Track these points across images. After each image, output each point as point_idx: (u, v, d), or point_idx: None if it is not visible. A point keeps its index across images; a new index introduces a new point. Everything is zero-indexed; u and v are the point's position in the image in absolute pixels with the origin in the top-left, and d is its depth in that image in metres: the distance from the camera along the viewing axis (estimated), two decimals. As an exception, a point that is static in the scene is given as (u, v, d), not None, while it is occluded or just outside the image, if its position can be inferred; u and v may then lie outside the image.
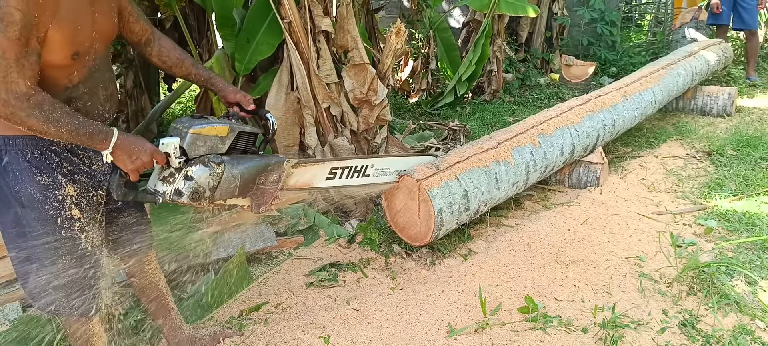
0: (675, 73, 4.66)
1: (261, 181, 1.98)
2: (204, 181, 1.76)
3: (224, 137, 1.84)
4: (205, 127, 1.79)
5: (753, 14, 6.09)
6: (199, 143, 1.77)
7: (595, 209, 3.22)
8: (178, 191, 1.73)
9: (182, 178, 1.74)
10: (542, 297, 2.42)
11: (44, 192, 1.56)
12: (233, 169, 1.84)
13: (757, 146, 4.09)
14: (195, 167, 1.75)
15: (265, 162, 1.98)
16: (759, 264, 2.57)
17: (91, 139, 1.55)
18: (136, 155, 1.63)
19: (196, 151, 1.77)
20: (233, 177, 1.84)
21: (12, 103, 1.41)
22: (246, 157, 1.92)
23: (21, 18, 1.38)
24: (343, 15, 3.47)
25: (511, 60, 7.02)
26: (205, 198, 1.79)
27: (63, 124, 1.49)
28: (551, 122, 3.39)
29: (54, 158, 1.59)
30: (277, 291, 2.61)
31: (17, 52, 1.40)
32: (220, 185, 1.81)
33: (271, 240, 2.91)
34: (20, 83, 1.42)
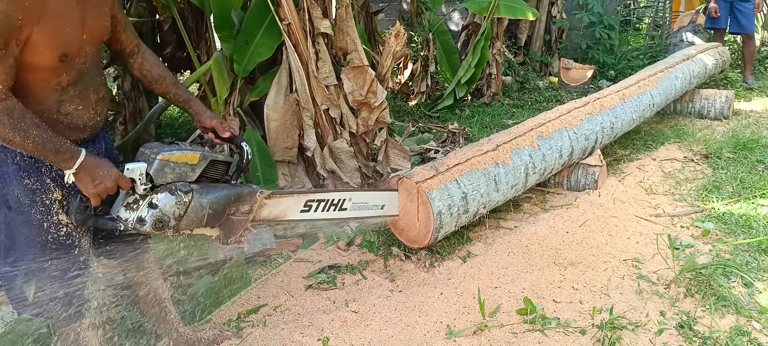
0: (673, 76, 4.68)
1: (232, 211, 1.91)
2: (169, 209, 1.68)
3: (195, 165, 1.77)
4: (175, 153, 1.73)
5: (750, 18, 6.12)
6: (167, 170, 1.71)
7: (594, 211, 3.22)
8: (140, 218, 1.66)
9: (146, 205, 1.67)
10: (541, 299, 2.43)
11: (31, 196, 1.55)
12: (202, 198, 1.77)
13: (754, 149, 4.11)
14: (161, 195, 1.68)
15: (237, 192, 1.91)
16: (756, 266, 2.58)
17: (57, 156, 1.50)
18: (100, 179, 1.57)
19: (164, 179, 1.70)
20: (201, 207, 1.77)
21: None
22: (217, 187, 1.86)
23: (2, 19, 1.34)
24: (343, 17, 3.48)
25: (510, 63, 7.04)
26: (170, 227, 1.71)
27: (30, 135, 1.44)
28: (550, 125, 3.40)
29: (42, 162, 1.56)
30: (275, 293, 2.61)
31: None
32: (186, 215, 1.73)
33: (269, 242, 2.91)
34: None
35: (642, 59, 7.53)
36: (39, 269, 1.59)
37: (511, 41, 7.39)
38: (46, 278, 1.61)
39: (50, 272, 1.60)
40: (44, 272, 1.60)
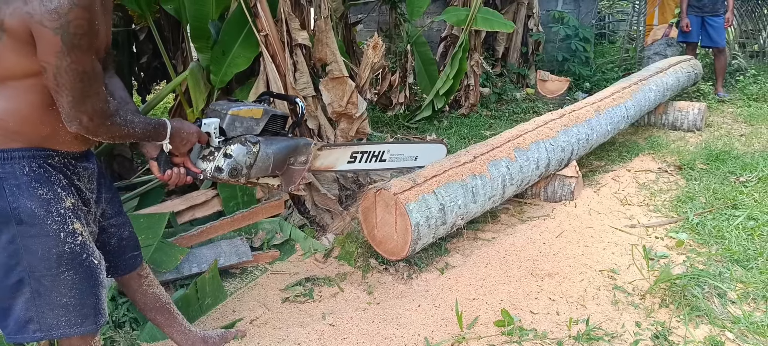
0: (647, 88, 4.76)
1: (291, 161, 2.12)
2: (242, 159, 1.89)
3: (259, 119, 1.96)
4: (242, 109, 1.93)
5: (720, 32, 6.27)
6: (236, 124, 1.90)
7: (570, 222, 3.25)
8: (218, 167, 1.85)
9: (222, 156, 1.86)
10: (518, 310, 2.43)
11: (46, 206, 1.47)
12: (268, 148, 1.97)
13: (726, 160, 4.19)
14: (234, 146, 1.87)
15: (295, 143, 2.11)
16: (729, 276, 2.62)
17: (156, 133, 1.61)
18: (186, 139, 1.72)
19: (234, 132, 1.90)
20: (267, 156, 1.97)
21: (99, 118, 1.42)
22: (278, 139, 2.05)
23: (89, 28, 1.34)
24: (322, 28, 3.47)
25: (488, 74, 7.10)
26: (243, 175, 1.91)
27: (136, 124, 1.53)
28: (527, 136, 3.43)
29: (52, 172, 1.50)
30: (251, 307, 2.57)
31: (93, 63, 1.39)
32: (255, 163, 1.93)
33: (245, 255, 2.87)
34: (102, 95, 1.42)
35: (617, 72, 7.67)
36: (54, 280, 1.50)
37: (488, 53, 7.46)
38: (64, 290, 1.52)
39: (68, 282, 1.53)
40: (61, 283, 1.51)
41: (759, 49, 7.76)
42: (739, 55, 7.58)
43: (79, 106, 1.38)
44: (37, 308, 1.50)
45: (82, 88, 1.37)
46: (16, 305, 1.50)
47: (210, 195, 3.21)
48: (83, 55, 1.35)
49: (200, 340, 2.13)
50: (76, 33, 1.31)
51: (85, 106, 1.39)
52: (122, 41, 5.26)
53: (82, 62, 1.35)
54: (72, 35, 1.31)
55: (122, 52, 5.26)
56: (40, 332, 1.52)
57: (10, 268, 1.47)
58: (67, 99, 1.37)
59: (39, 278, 1.49)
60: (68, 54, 1.32)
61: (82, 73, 1.36)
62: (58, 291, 1.52)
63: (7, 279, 1.48)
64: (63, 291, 1.52)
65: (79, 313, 1.56)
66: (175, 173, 1.77)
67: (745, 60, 7.48)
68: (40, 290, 1.50)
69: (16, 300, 1.50)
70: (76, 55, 1.33)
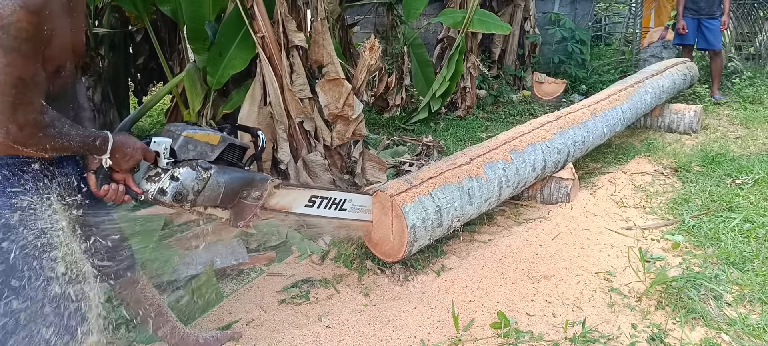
0: (643, 91, 4.77)
1: (244, 195, 2.01)
2: (189, 183, 1.79)
3: (215, 146, 1.87)
4: (199, 132, 1.84)
5: (716, 35, 6.29)
6: (189, 147, 1.81)
7: (566, 224, 3.25)
8: (162, 189, 1.76)
9: (168, 178, 1.77)
10: (514, 312, 2.43)
11: (20, 215, 1.43)
12: (219, 177, 1.88)
13: (722, 163, 4.21)
14: (182, 169, 1.78)
15: (251, 177, 2.02)
16: (724, 278, 2.62)
17: (95, 146, 1.53)
18: (130, 155, 1.63)
19: (186, 155, 1.81)
20: (218, 185, 1.88)
21: (30, 128, 1.34)
22: (233, 169, 1.96)
23: (34, 33, 1.28)
24: (318, 30, 3.47)
25: (484, 77, 7.11)
26: (188, 201, 1.81)
27: (72, 137, 1.44)
28: (523, 139, 3.43)
29: (27, 179, 1.46)
30: (248, 308, 2.56)
31: (33, 71, 1.32)
32: (204, 191, 1.84)
33: (242, 256, 2.86)
34: (37, 105, 1.34)
35: (613, 74, 7.69)
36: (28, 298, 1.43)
37: (485, 55, 7.48)
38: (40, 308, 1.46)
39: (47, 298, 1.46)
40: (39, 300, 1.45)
41: (755, 51, 7.79)
42: (735, 58, 7.61)
43: (8, 114, 1.29)
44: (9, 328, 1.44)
45: (15, 95, 1.28)
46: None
47: (206, 197, 3.20)
48: (23, 60, 1.28)
49: (195, 342, 2.13)
50: (18, 36, 1.25)
51: (16, 115, 1.30)
52: (119, 43, 5.25)
53: (20, 68, 1.28)
54: (12, 38, 1.25)
55: (118, 54, 5.25)
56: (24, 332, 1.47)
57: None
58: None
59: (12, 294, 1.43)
60: (4, 56, 1.26)
61: (18, 79, 1.28)
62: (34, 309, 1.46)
63: None
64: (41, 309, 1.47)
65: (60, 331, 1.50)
66: (111, 189, 1.67)
67: (741, 62, 7.51)
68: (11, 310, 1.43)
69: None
70: (13, 58, 1.26)
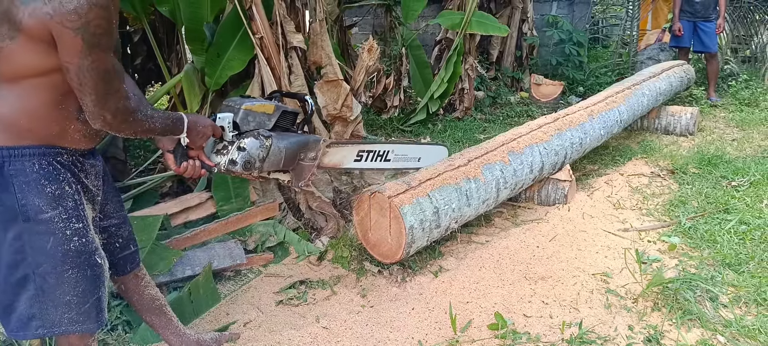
0: (640, 93, 4.79)
1: (301, 157, 2.16)
2: (255, 152, 1.93)
3: (270, 115, 2.01)
4: (255, 104, 1.98)
5: (712, 38, 6.32)
6: (250, 119, 1.94)
7: (563, 225, 3.26)
8: (232, 160, 1.90)
9: (235, 149, 1.91)
10: (511, 314, 2.44)
11: (54, 204, 1.49)
12: (279, 143, 2.02)
13: (718, 165, 4.22)
14: (247, 140, 1.92)
15: (306, 139, 2.16)
16: (720, 280, 2.64)
17: (174, 127, 1.65)
18: (203, 132, 1.76)
19: (247, 126, 1.94)
20: (279, 150, 2.02)
21: (121, 114, 1.45)
22: (289, 134, 2.10)
23: (108, 27, 1.37)
24: (317, 31, 3.47)
25: (482, 78, 7.12)
26: (256, 168, 1.96)
27: (156, 119, 1.56)
28: (521, 140, 3.44)
29: (61, 169, 1.52)
30: (245, 310, 2.57)
31: (113, 61, 1.42)
32: (268, 157, 1.98)
33: (239, 257, 2.86)
34: (122, 92, 1.45)
35: (610, 76, 7.70)
36: (59, 277, 1.52)
37: (483, 57, 7.48)
38: (68, 288, 1.54)
39: (74, 279, 1.54)
40: (66, 280, 1.53)
41: (751, 54, 7.82)
42: (731, 61, 7.64)
43: (102, 104, 1.41)
44: (41, 305, 1.52)
45: (105, 87, 1.40)
46: (19, 302, 1.51)
47: (204, 197, 3.20)
48: (103, 54, 1.38)
49: (194, 342, 2.14)
50: (96, 33, 1.34)
51: (108, 104, 1.42)
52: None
53: (103, 61, 1.38)
54: (92, 35, 1.33)
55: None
56: (42, 329, 1.53)
57: (15, 264, 1.49)
58: (90, 97, 1.40)
59: (44, 275, 1.50)
60: (90, 54, 1.35)
61: (104, 71, 1.39)
62: (62, 289, 1.53)
63: (12, 276, 1.49)
64: (67, 289, 1.54)
65: (82, 311, 1.57)
66: (190, 165, 1.80)
67: (737, 65, 7.53)
68: (45, 287, 1.51)
69: (20, 297, 1.51)
70: (96, 54, 1.36)
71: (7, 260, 1.48)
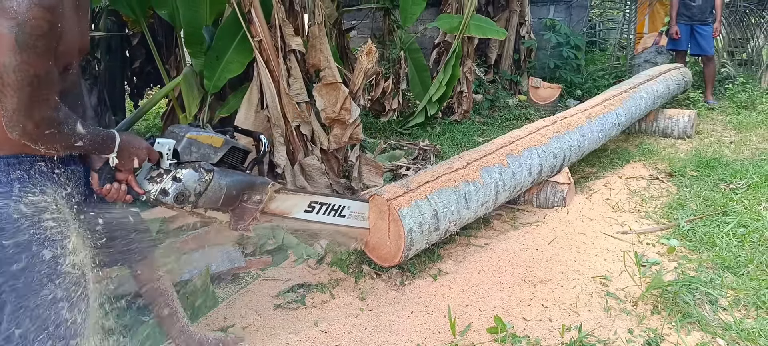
0: (637, 96, 4.80)
1: (244, 198, 2.01)
2: (191, 185, 1.78)
3: (217, 148, 1.87)
4: (202, 134, 1.84)
5: (709, 41, 6.34)
6: (193, 149, 1.80)
7: (562, 228, 3.26)
8: (164, 190, 1.75)
9: (170, 179, 1.76)
10: (511, 317, 2.43)
11: (32, 213, 1.43)
12: (221, 179, 1.87)
13: (716, 168, 4.23)
14: (185, 170, 1.78)
15: (252, 180, 2.02)
16: (720, 283, 2.63)
17: (103, 145, 1.53)
18: (136, 154, 1.63)
19: (189, 156, 1.80)
20: (220, 187, 1.87)
21: (45, 125, 1.34)
22: (234, 172, 1.96)
23: (49, 30, 1.28)
24: (316, 34, 3.47)
25: (480, 81, 7.14)
26: (189, 202, 1.80)
27: (83, 135, 1.43)
28: (519, 143, 3.44)
29: (37, 177, 1.46)
30: (243, 313, 2.55)
31: (48, 68, 1.32)
32: (205, 193, 1.83)
33: (238, 261, 2.85)
34: (52, 102, 1.34)
35: (607, 79, 7.73)
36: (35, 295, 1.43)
37: (481, 60, 7.50)
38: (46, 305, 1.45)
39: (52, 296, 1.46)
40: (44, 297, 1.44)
41: (747, 57, 7.85)
42: (728, 64, 7.67)
43: (24, 111, 1.30)
44: (18, 323, 1.44)
45: (31, 93, 1.29)
46: (2, 318, 1.45)
47: (202, 201, 3.19)
48: (37, 57, 1.28)
49: (198, 343, 2.13)
50: (33, 33, 1.26)
51: (31, 112, 1.31)
52: (115, 46, 5.23)
53: (35, 65, 1.28)
54: (27, 35, 1.25)
55: (115, 57, 5.23)
56: None
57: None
58: (11, 101, 1.28)
59: (20, 293, 1.43)
60: (20, 53, 1.26)
61: (33, 76, 1.28)
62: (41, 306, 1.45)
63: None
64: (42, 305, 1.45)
65: (55, 335, 1.48)
66: (114, 188, 1.66)
67: (734, 68, 7.56)
68: (21, 304, 1.43)
69: (2, 312, 1.44)
70: (28, 55, 1.27)
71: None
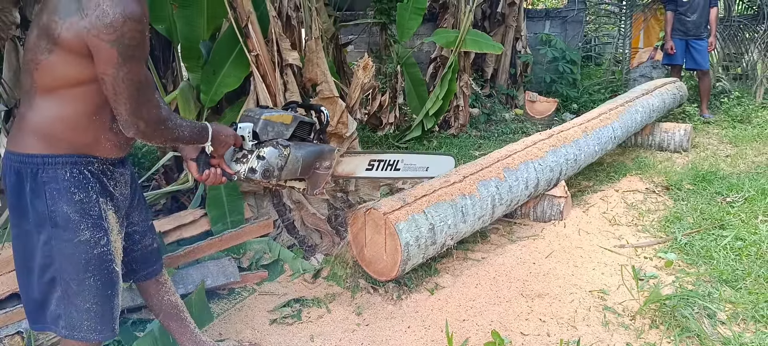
0: (633, 110, 4.81)
1: (316, 166, 2.21)
2: (274, 161, 1.98)
3: (288, 125, 2.06)
4: (274, 115, 2.03)
5: (704, 55, 6.38)
6: (269, 129, 2.00)
7: (559, 242, 3.25)
8: (252, 169, 1.94)
9: (255, 158, 1.96)
10: (508, 332, 2.42)
11: (81, 211, 1.56)
12: (297, 152, 2.07)
13: (712, 181, 4.24)
14: (267, 149, 1.97)
15: (321, 149, 2.21)
16: (718, 296, 2.62)
17: (200, 136, 1.70)
18: (225, 141, 1.82)
19: (266, 135, 1.99)
20: (297, 159, 2.07)
21: (154, 123, 1.50)
22: (305, 144, 2.16)
23: (141, 39, 1.42)
24: (312, 48, 3.48)
25: (477, 95, 7.15)
26: (274, 176, 2.00)
27: (184, 128, 1.62)
28: (516, 157, 3.44)
29: (90, 178, 1.58)
30: (238, 329, 2.53)
31: (146, 72, 1.47)
32: (286, 166, 2.03)
33: (233, 275, 2.83)
34: (155, 102, 1.50)
35: (603, 93, 7.76)
36: (80, 284, 1.59)
37: (477, 74, 7.52)
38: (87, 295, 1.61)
39: (92, 287, 1.61)
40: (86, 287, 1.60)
41: (742, 71, 7.90)
42: (723, 78, 7.71)
43: (136, 113, 1.46)
44: (65, 307, 1.60)
45: (138, 96, 1.45)
46: (50, 301, 1.61)
47: (198, 215, 3.17)
48: (137, 65, 1.43)
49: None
50: (130, 45, 1.40)
51: (142, 113, 1.47)
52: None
53: (137, 72, 1.44)
54: (126, 47, 1.39)
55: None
56: (66, 330, 1.62)
57: (45, 266, 1.57)
58: (125, 107, 1.45)
59: (68, 280, 1.58)
60: (124, 65, 1.40)
61: (138, 82, 1.44)
62: (83, 295, 1.60)
63: (43, 276, 1.59)
64: (87, 296, 1.61)
65: (99, 319, 1.64)
66: (212, 173, 1.85)
67: (729, 82, 7.60)
68: (68, 292, 1.59)
69: (50, 296, 1.60)
70: (131, 65, 1.41)
71: (40, 262, 1.57)
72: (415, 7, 5.63)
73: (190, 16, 3.38)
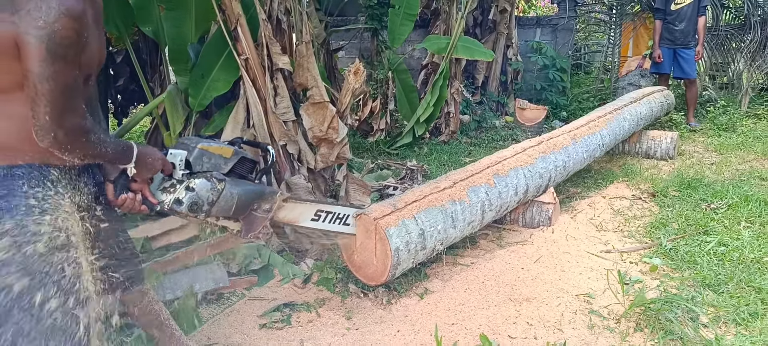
0: (621, 118, 4.87)
1: (254, 207, 2.08)
2: (204, 194, 1.84)
3: (228, 159, 1.94)
4: (213, 145, 1.91)
5: (691, 64, 6.47)
6: (204, 159, 1.87)
7: (548, 247, 3.28)
8: (178, 200, 1.80)
9: (184, 189, 1.81)
10: (497, 335, 2.44)
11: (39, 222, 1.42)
12: (233, 189, 1.93)
13: (698, 188, 4.29)
14: (198, 180, 1.83)
15: (262, 190, 2.08)
16: (701, 300, 2.66)
17: (123, 156, 1.56)
18: (152, 165, 1.67)
19: (200, 167, 1.86)
20: (231, 196, 1.92)
21: (75, 133, 1.36)
22: (244, 182, 2.02)
23: (76, 39, 1.30)
24: (303, 53, 3.49)
25: (467, 102, 7.20)
26: (203, 211, 1.85)
27: (107, 144, 1.47)
28: (506, 163, 3.47)
29: (48, 186, 1.46)
30: (227, 333, 2.53)
31: (76, 77, 1.35)
32: (218, 202, 1.88)
33: (222, 280, 2.83)
34: (80, 111, 1.37)
35: (592, 101, 7.84)
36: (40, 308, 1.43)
37: (468, 81, 7.58)
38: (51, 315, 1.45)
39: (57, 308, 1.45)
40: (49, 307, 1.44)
41: (728, 81, 8.01)
42: (710, 87, 7.81)
43: (57, 120, 1.32)
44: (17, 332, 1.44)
45: (63, 101, 1.31)
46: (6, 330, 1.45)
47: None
48: (67, 67, 1.30)
49: None
50: (62, 43, 1.28)
51: (63, 120, 1.33)
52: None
53: (66, 74, 1.31)
54: (57, 44, 1.27)
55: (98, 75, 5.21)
56: None
57: None
58: (44, 110, 1.30)
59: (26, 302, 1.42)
60: (52, 63, 1.27)
61: (64, 85, 1.30)
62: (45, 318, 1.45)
63: None
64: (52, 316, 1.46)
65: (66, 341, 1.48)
66: (129, 198, 1.70)
67: (715, 91, 7.71)
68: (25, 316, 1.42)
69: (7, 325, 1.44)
70: (59, 65, 1.28)
71: None
72: (406, 13, 5.68)
73: (177, 18, 3.37)
